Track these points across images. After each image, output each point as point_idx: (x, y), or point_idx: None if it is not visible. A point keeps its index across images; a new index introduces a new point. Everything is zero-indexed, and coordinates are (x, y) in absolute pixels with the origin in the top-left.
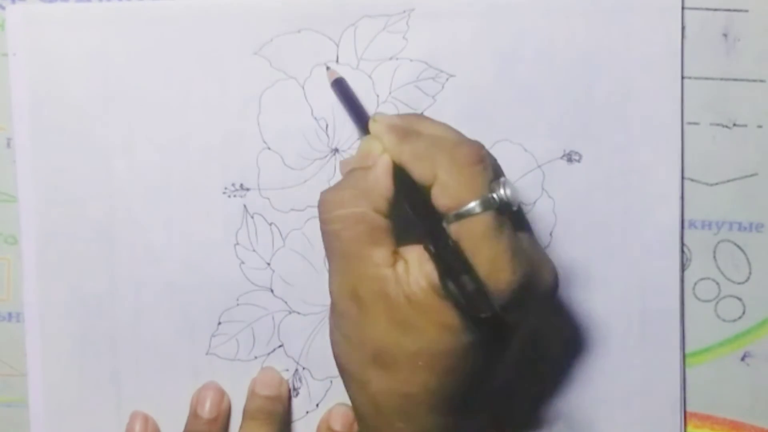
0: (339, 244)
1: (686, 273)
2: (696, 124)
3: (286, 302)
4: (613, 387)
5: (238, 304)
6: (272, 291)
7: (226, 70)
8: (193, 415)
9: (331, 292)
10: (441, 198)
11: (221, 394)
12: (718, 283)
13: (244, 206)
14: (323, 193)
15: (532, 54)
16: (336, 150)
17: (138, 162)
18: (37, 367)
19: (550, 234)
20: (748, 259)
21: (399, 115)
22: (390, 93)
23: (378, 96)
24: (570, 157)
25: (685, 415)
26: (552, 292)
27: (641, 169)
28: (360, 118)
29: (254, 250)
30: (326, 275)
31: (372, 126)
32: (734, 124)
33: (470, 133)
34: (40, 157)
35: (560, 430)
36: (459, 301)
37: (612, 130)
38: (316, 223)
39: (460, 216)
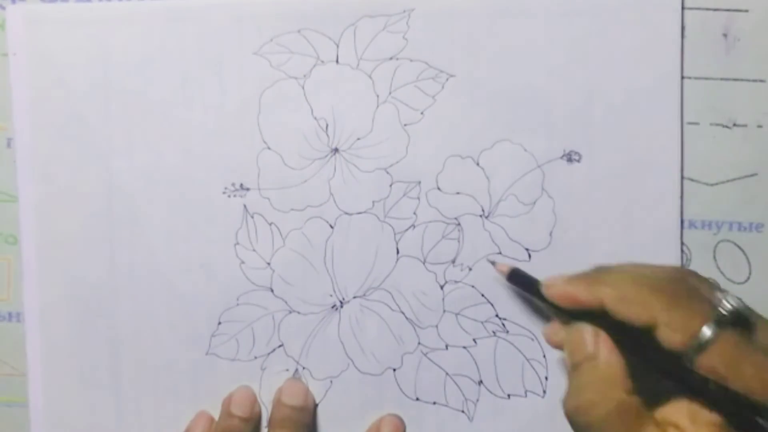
0: None
1: None
2: (696, 124)
3: (286, 302)
4: None
5: (238, 304)
6: (272, 291)
7: (226, 70)
8: (226, 414)
9: None
10: (672, 337)
11: (254, 398)
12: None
13: (244, 206)
14: (568, 403)
15: (532, 54)
16: (336, 150)
17: (138, 162)
18: (37, 367)
19: (550, 234)
20: (748, 259)
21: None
22: (390, 93)
23: (378, 96)
24: (570, 157)
25: None
26: None
27: (641, 169)
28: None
29: (254, 250)
30: (326, 275)
31: (548, 290)
32: (734, 124)
33: (470, 133)
34: (40, 157)
35: None
36: None
37: (612, 130)
38: (316, 223)
39: (702, 347)
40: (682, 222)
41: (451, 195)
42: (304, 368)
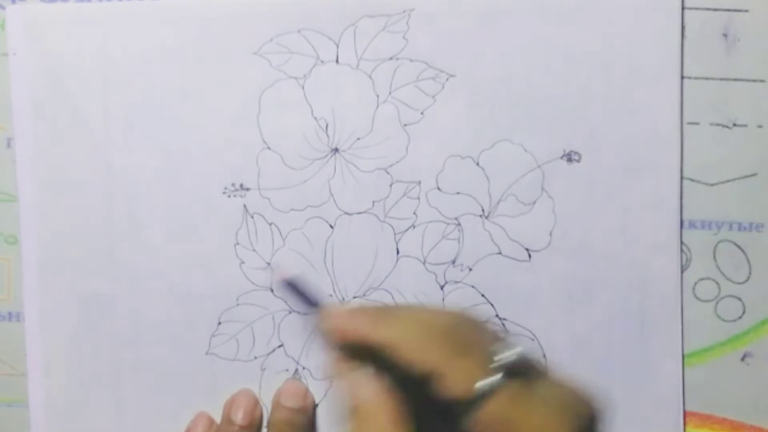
0: None
1: (686, 273)
2: (696, 124)
3: (286, 302)
4: (613, 387)
5: (238, 304)
6: (272, 291)
7: (226, 69)
8: (227, 420)
9: None
10: (451, 388)
11: (255, 402)
12: (718, 283)
13: (244, 206)
14: None
15: (532, 54)
16: (336, 150)
17: (137, 162)
18: (37, 367)
19: (550, 234)
20: (748, 259)
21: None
22: (390, 93)
23: (378, 96)
24: (570, 157)
25: (685, 415)
26: (597, 422)
27: (641, 169)
28: (313, 309)
29: (254, 250)
30: (326, 275)
31: (327, 321)
32: (734, 124)
33: (470, 133)
34: (40, 157)
35: None
36: None
37: (612, 130)
38: (316, 223)
39: (481, 398)
40: (682, 222)
41: (451, 195)
42: (304, 368)
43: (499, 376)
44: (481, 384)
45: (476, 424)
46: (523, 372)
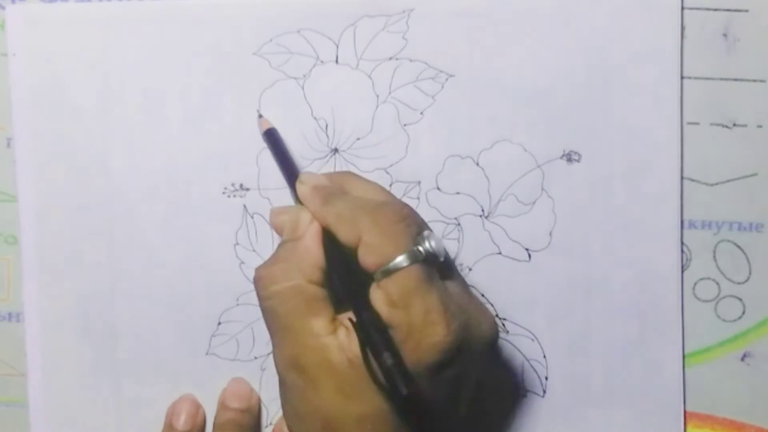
0: (277, 319)
1: (686, 273)
2: (696, 124)
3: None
4: (613, 387)
5: (238, 304)
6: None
7: (226, 70)
8: (168, 426)
9: (276, 367)
10: (367, 257)
11: (196, 406)
12: (718, 283)
13: (244, 206)
14: (257, 270)
15: (532, 54)
16: (336, 150)
17: (138, 162)
18: (37, 367)
19: (550, 234)
20: (748, 259)
21: (327, 174)
22: (390, 93)
23: (378, 96)
24: (570, 157)
25: (685, 415)
26: (491, 342)
27: (641, 169)
28: (291, 178)
29: (254, 250)
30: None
31: (299, 188)
32: (734, 124)
33: (470, 133)
34: (40, 157)
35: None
36: (378, 380)
37: (612, 130)
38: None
39: (388, 272)
40: (682, 222)
41: (450, 195)
42: None
43: (404, 257)
44: (397, 260)
45: (376, 293)
46: (435, 263)
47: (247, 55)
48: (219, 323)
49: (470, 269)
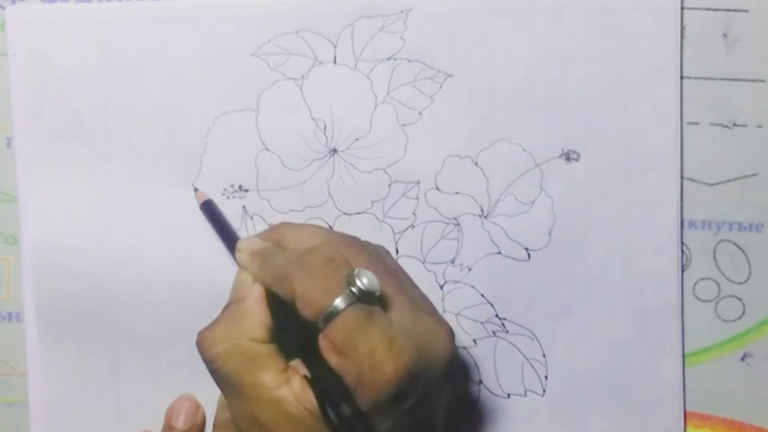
0: (226, 380)
1: (686, 273)
2: (696, 124)
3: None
4: (613, 387)
5: None
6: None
7: (225, 70)
8: (168, 426)
9: (235, 426)
10: (304, 309)
11: (196, 406)
12: (718, 283)
13: (243, 207)
14: (199, 334)
15: (531, 54)
16: (334, 150)
17: (137, 162)
18: (37, 367)
19: (549, 233)
20: (748, 259)
21: (263, 233)
22: (388, 93)
23: (376, 96)
24: (569, 157)
25: (685, 415)
26: (447, 360)
27: (641, 169)
28: (229, 245)
29: None
30: None
31: (237, 256)
32: (734, 124)
33: (469, 133)
34: (40, 157)
35: None
36: (339, 430)
37: (611, 130)
38: (316, 223)
39: (327, 319)
40: (682, 222)
41: (450, 195)
42: None
43: (339, 300)
44: (334, 305)
45: (322, 343)
46: (371, 301)
47: (246, 56)
48: None
49: (470, 269)
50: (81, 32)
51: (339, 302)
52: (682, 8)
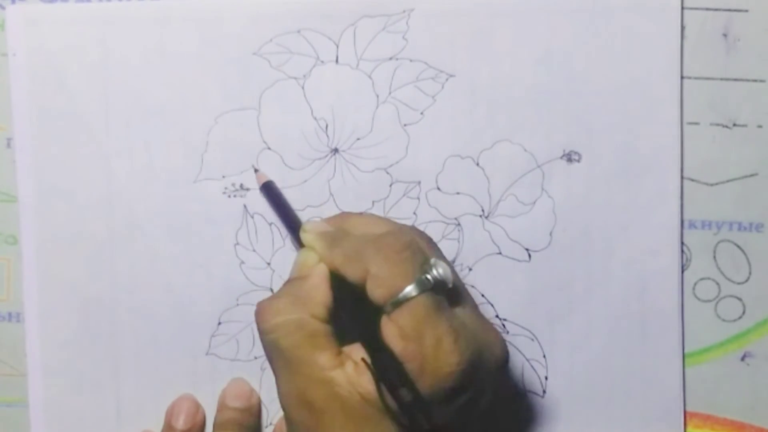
0: (281, 353)
1: (686, 273)
2: (696, 124)
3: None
4: (613, 387)
5: (238, 304)
6: (272, 291)
7: (226, 70)
8: (168, 426)
9: (282, 405)
10: (376, 290)
11: (196, 406)
12: (718, 283)
13: (244, 206)
14: (260, 304)
15: (532, 54)
16: (336, 150)
17: (137, 162)
18: (37, 367)
19: (550, 234)
20: (748, 259)
21: (328, 219)
22: (390, 93)
23: (378, 96)
24: (570, 157)
25: (685, 415)
26: (503, 365)
27: (641, 169)
28: (292, 228)
29: (254, 250)
30: None
31: (303, 237)
32: (734, 124)
33: (470, 133)
34: (40, 157)
35: None
36: (397, 417)
37: (612, 130)
38: None
39: (397, 303)
40: (682, 222)
41: (450, 195)
42: None
43: (413, 287)
44: (406, 290)
45: (387, 326)
46: (444, 290)
47: (248, 55)
48: (219, 323)
49: (470, 269)
50: (81, 32)
51: (411, 288)
52: (682, 8)
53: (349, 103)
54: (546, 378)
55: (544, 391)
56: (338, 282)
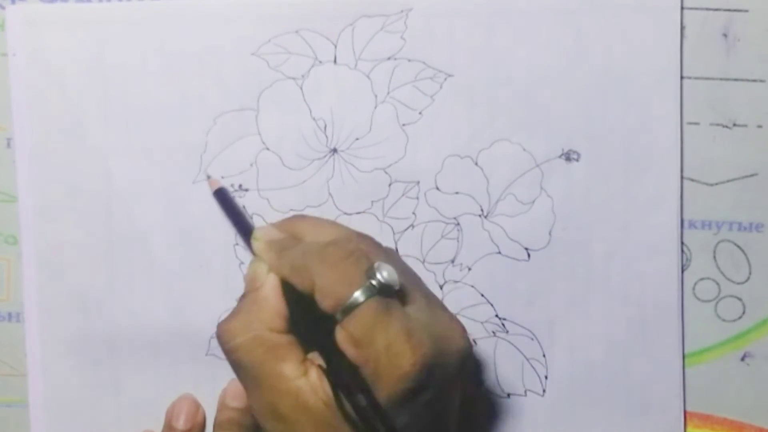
0: (246, 371)
1: (686, 273)
2: (696, 124)
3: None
4: (613, 387)
5: None
6: None
7: (225, 70)
8: (168, 426)
9: (256, 418)
10: (324, 301)
11: (196, 406)
12: (718, 283)
13: (243, 206)
14: (218, 326)
15: (531, 54)
16: (335, 150)
17: (137, 162)
18: (37, 367)
19: (549, 233)
20: (748, 259)
21: (279, 223)
22: (388, 93)
23: (376, 96)
24: (569, 156)
25: (685, 415)
26: (464, 356)
27: (641, 169)
28: (245, 235)
29: None
30: None
31: (253, 245)
32: (734, 124)
33: (469, 133)
34: (40, 157)
35: None
36: (355, 423)
37: (611, 130)
38: None
39: (347, 311)
40: (682, 222)
41: (450, 195)
42: None
43: (359, 293)
44: (354, 297)
45: (340, 334)
46: (390, 294)
47: (246, 56)
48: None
49: (470, 269)
50: (81, 32)
51: (359, 294)
52: (682, 8)
53: (348, 103)
54: (546, 378)
55: (544, 391)
56: (291, 289)
